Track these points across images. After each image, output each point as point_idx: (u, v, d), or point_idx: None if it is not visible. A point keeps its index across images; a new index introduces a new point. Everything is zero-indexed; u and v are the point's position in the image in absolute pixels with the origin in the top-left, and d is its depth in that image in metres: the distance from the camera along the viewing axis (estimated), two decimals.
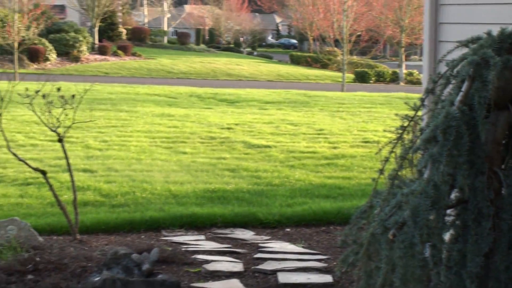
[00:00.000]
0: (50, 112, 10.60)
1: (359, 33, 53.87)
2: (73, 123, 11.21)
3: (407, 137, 5.30)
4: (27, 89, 10.28)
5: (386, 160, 5.37)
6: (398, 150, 5.29)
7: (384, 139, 11.22)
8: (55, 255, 9.27)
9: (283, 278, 9.02)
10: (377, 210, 5.59)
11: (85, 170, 15.32)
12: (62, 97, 10.48)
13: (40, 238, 10.08)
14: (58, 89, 10.43)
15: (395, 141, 5.32)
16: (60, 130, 10.83)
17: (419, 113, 5.29)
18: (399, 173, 5.26)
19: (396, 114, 5.32)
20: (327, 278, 9.00)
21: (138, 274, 6.49)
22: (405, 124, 5.23)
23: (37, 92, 10.18)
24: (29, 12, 41.46)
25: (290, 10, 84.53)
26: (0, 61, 47.64)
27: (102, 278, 6.40)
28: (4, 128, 11.10)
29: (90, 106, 13.32)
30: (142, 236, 11.39)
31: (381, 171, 5.49)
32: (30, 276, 8.68)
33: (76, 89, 11.40)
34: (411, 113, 5.22)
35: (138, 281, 6.41)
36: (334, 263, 9.61)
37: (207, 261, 9.65)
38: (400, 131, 5.28)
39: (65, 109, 10.67)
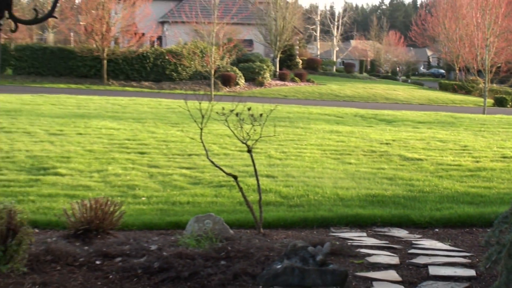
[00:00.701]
0: (241, 127, 10.67)
1: (499, 64, 52.53)
2: (260, 137, 11.26)
3: None
4: (223, 108, 10.37)
5: None
6: None
7: None
8: (243, 245, 9.31)
9: (433, 270, 8.85)
10: None
11: (267, 176, 15.37)
12: (252, 115, 10.54)
13: (231, 231, 10.15)
14: (249, 109, 10.49)
15: None
16: (249, 142, 10.89)
17: None
18: None
19: None
20: (471, 272, 8.77)
21: (313, 264, 6.43)
22: None
23: (231, 111, 10.25)
24: (224, 45, 42.05)
25: (439, 44, 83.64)
26: (199, 84, 48.40)
27: (283, 266, 6.36)
28: (203, 139, 11.24)
29: (273, 123, 13.36)
30: (314, 232, 11.34)
31: None
32: (222, 262, 8.72)
33: (262, 109, 11.44)
34: None
35: (313, 269, 6.35)
36: (477, 260, 9.38)
37: (369, 254, 9.54)
38: None
39: (254, 125, 10.73)
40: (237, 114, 10.36)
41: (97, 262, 9.01)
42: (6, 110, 25.73)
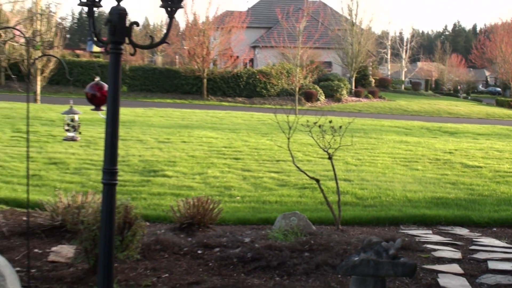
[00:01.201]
0: (323, 137, 10.68)
1: None
2: (339, 146, 11.24)
3: None
4: (307, 121, 10.39)
5: None
6: None
7: None
8: (324, 239, 9.30)
9: (491, 265, 8.71)
10: None
11: (345, 180, 15.32)
12: (333, 127, 10.54)
13: (313, 227, 10.14)
14: (330, 121, 10.48)
15: None
16: (330, 150, 10.89)
17: None
18: None
19: None
20: None
21: (386, 257, 6.38)
22: None
23: (315, 123, 10.26)
24: (307, 66, 42.14)
25: (496, 66, 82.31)
26: (286, 100, 48.42)
27: (360, 258, 6.32)
28: (290, 148, 11.28)
29: (350, 134, 13.28)
30: (386, 229, 11.26)
31: None
32: (306, 254, 8.73)
33: (341, 122, 11.43)
34: None
35: (386, 262, 6.29)
36: None
37: (434, 250, 9.43)
38: None
39: (334, 135, 10.73)
40: (319, 126, 10.37)
41: (199, 252, 9.12)
42: (122, 122, 26.16)
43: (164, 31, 47.35)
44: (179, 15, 58.31)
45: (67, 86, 45.14)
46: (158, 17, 67.21)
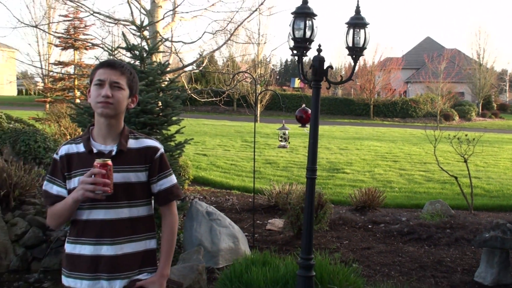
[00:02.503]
0: (460, 146, 10.20)
1: None
2: (472, 153, 10.66)
3: None
4: (449, 134, 9.96)
5: None
6: None
7: None
8: (461, 220, 8.85)
9: None
10: None
11: (475, 177, 14.35)
12: (468, 139, 10.05)
13: (452, 211, 9.69)
14: (466, 135, 10.02)
15: None
16: (465, 156, 10.37)
17: None
18: None
19: None
20: None
21: (510, 235, 5.99)
22: None
23: (454, 136, 9.82)
24: (445, 95, 40.75)
25: None
26: (429, 120, 46.41)
27: (490, 235, 5.97)
28: (427, 154, 10.87)
29: (479, 144, 12.49)
30: (507, 214, 10.50)
31: None
32: (447, 230, 8.36)
33: (472, 135, 10.79)
34: None
35: (510, 238, 5.91)
36: None
37: None
38: None
39: (468, 145, 10.20)
40: (458, 138, 9.90)
41: (369, 226, 9.00)
42: (305, 134, 26.40)
43: (343, 72, 47.09)
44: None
45: (277, 111, 46.06)
46: (339, 61, 67.13)
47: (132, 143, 2.86)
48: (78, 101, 20.47)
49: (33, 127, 13.03)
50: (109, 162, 2.63)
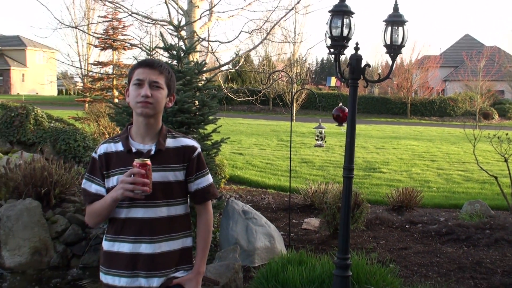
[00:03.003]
0: (500, 145, 9.97)
1: None
2: None
3: None
4: (488, 133, 9.75)
5: None
6: None
7: None
8: (501, 221, 8.65)
9: None
10: None
11: None
12: (509, 138, 9.82)
13: (492, 212, 9.50)
14: (507, 134, 9.78)
15: None
16: (506, 155, 10.14)
17: None
18: None
19: None
20: None
21: None
22: None
23: (494, 135, 9.59)
24: (485, 94, 39.97)
25: None
26: (468, 119, 45.52)
27: None
28: (465, 153, 10.66)
29: None
30: None
31: None
32: (487, 231, 8.18)
33: None
34: None
35: None
36: None
37: None
38: None
39: (509, 144, 9.97)
40: (498, 138, 9.69)
41: (406, 226, 8.89)
42: (341, 133, 26.23)
43: (379, 70, 46.69)
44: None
45: (313, 110, 45.86)
46: (375, 60, 66.48)
47: (170, 142, 2.88)
48: (116, 100, 20.77)
49: (73, 126, 13.28)
50: (148, 162, 2.65)
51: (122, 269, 2.80)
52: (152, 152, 2.80)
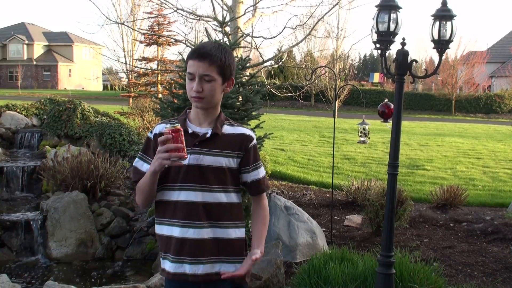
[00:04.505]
0: None
1: None
2: None
3: None
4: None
5: None
6: None
7: None
8: None
9: None
10: None
11: None
12: None
13: None
14: None
15: None
16: None
17: None
18: None
19: None
20: None
21: None
22: None
23: None
24: None
25: None
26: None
27: None
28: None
29: None
30: None
31: None
32: None
33: None
34: None
35: None
36: None
37: None
38: None
39: None
40: None
41: (451, 225, 8.72)
42: (384, 130, 25.88)
43: (424, 66, 45.93)
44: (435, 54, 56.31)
45: (355, 106, 45.38)
46: (419, 55, 65.20)
47: (227, 129, 2.84)
48: (161, 95, 20.99)
49: (118, 121, 13.49)
50: (179, 126, 2.58)
51: (170, 253, 2.78)
52: (208, 135, 2.78)
